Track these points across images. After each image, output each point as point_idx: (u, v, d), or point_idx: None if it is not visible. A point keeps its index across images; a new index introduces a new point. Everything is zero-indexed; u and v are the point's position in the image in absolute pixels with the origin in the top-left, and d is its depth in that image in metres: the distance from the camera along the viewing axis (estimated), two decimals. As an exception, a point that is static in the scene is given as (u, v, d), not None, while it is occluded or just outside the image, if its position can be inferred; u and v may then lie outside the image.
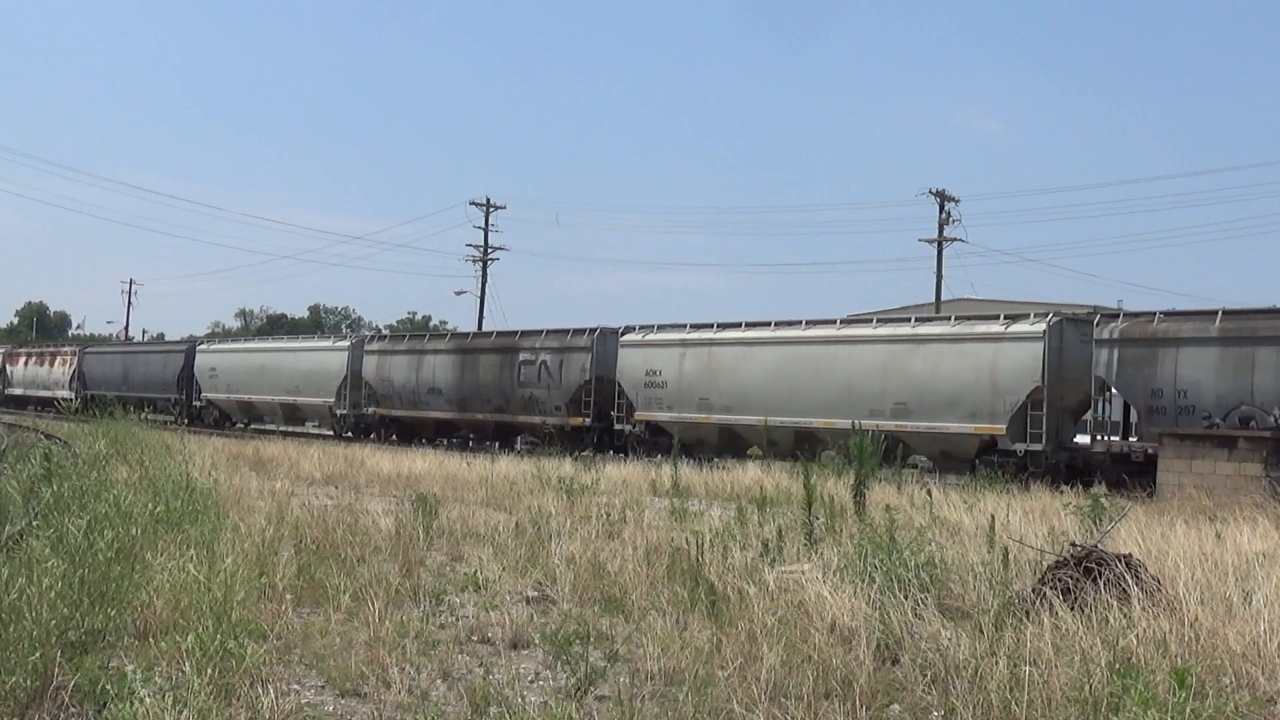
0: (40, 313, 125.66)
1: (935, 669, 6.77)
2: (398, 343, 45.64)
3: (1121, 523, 12.31)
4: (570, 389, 36.60)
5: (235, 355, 54.30)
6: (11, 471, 13.40)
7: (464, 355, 41.40)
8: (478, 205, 66.13)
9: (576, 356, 36.95)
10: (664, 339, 34.61)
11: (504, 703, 6.13)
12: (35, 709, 5.71)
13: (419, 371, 42.76)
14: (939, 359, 28.06)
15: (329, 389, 46.58)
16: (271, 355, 51.40)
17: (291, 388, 48.69)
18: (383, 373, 44.21)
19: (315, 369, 47.93)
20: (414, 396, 42.49)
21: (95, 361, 65.29)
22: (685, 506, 14.96)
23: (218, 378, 53.47)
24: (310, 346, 50.70)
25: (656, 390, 33.93)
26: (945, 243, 53.66)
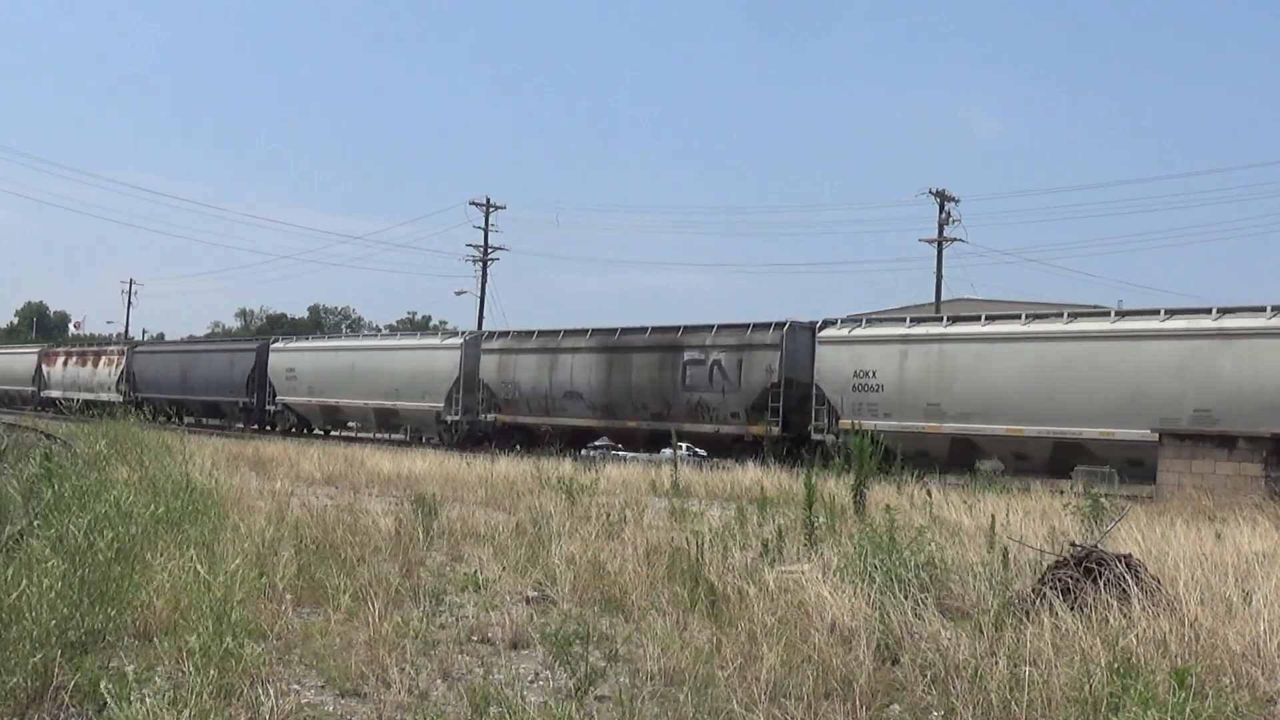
0: (40, 313, 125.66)
1: (935, 669, 6.77)
2: (525, 340, 40.05)
3: (1121, 523, 12.31)
4: (752, 393, 31.77)
5: (319, 354, 49.22)
6: (12, 471, 13.39)
7: (611, 354, 36.39)
8: (478, 205, 66.20)
9: (760, 355, 31.99)
10: (878, 334, 29.89)
11: (504, 703, 6.13)
12: (35, 709, 5.71)
13: (553, 372, 37.82)
14: (1256, 356, 24.21)
15: (437, 393, 41.82)
16: (364, 355, 46.56)
17: (389, 391, 43.95)
18: (505, 374, 39.41)
19: (420, 370, 42.89)
20: (546, 401, 37.77)
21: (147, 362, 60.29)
22: (685, 506, 14.96)
23: (296, 379, 48.59)
24: (414, 345, 45.34)
25: (868, 395, 29.26)
26: (945, 243, 53.71)
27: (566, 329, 38.94)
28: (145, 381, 58.35)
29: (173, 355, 60.26)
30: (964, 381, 27.79)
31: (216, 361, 54.95)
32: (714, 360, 33.02)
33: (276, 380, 49.74)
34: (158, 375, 58.06)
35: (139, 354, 61.83)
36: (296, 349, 51.06)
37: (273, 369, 50.25)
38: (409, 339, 47.00)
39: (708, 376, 33.10)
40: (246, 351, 53.25)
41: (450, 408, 41.28)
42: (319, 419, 48.68)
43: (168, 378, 57.07)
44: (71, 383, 64.25)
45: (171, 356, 59.85)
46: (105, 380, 61.60)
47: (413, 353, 44.39)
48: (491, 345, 40.81)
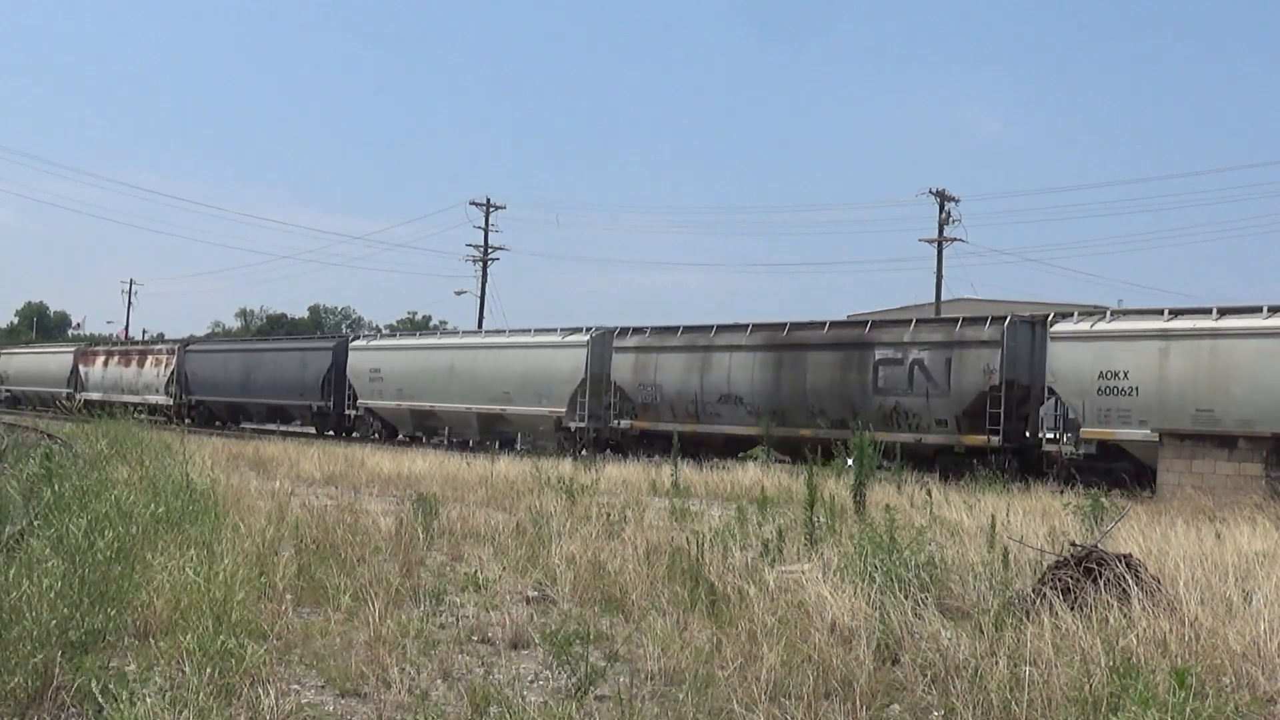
0: (40, 313, 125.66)
1: (935, 669, 6.77)
2: (667, 336, 35.10)
3: (1121, 523, 12.31)
4: (965, 397, 27.79)
5: (410, 354, 44.00)
6: (12, 471, 13.39)
7: (780, 352, 31.90)
8: (478, 205, 66.18)
9: (975, 353, 27.92)
10: (1131, 329, 26.23)
11: (504, 703, 6.13)
12: (35, 709, 5.72)
13: (705, 373, 33.28)
14: None
15: (557, 396, 37.10)
16: (467, 354, 41.41)
17: (497, 395, 39.08)
18: (644, 375, 34.82)
19: (537, 370, 38.11)
20: (696, 406, 33.17)
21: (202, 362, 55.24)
22: (685, 506, 14.96)
23: (383, 381, 43.73)
24: (529, 342, 39.62)
25: (1118, 399, 25.57)
26: (945, 243, 53.71)
27: (720, 324, 34.45)
28: (200, 383, 54.06)
29: (233, 355, 55.10)
30: (1244, 384, 24.23)
31: (286, 361, 49.81)
32: (915, 359, 28.74)
33: (358, 382, 44.95)
34: (214, 376, 53.32)
35: (192, 353, 56.71)
36: (382, 347, 46.09)
37: (353, 369, 45.36)
38: (522, 335, 40.73)
39: (907, 378, 28.82)
40: (321, 350, 48.50)
41: (574, 413, 36.60)
42: (408, 425, 43.73)
43: (226, 379, 52.44)
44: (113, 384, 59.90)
45: (231, 356, 54.64)
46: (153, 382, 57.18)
47: (527, 351, 39.14)
48: (626, 343, 35.89)
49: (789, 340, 31.96)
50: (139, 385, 57.69)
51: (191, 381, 54.44)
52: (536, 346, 39.06)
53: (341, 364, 46.08)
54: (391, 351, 44.81)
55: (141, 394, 55.91)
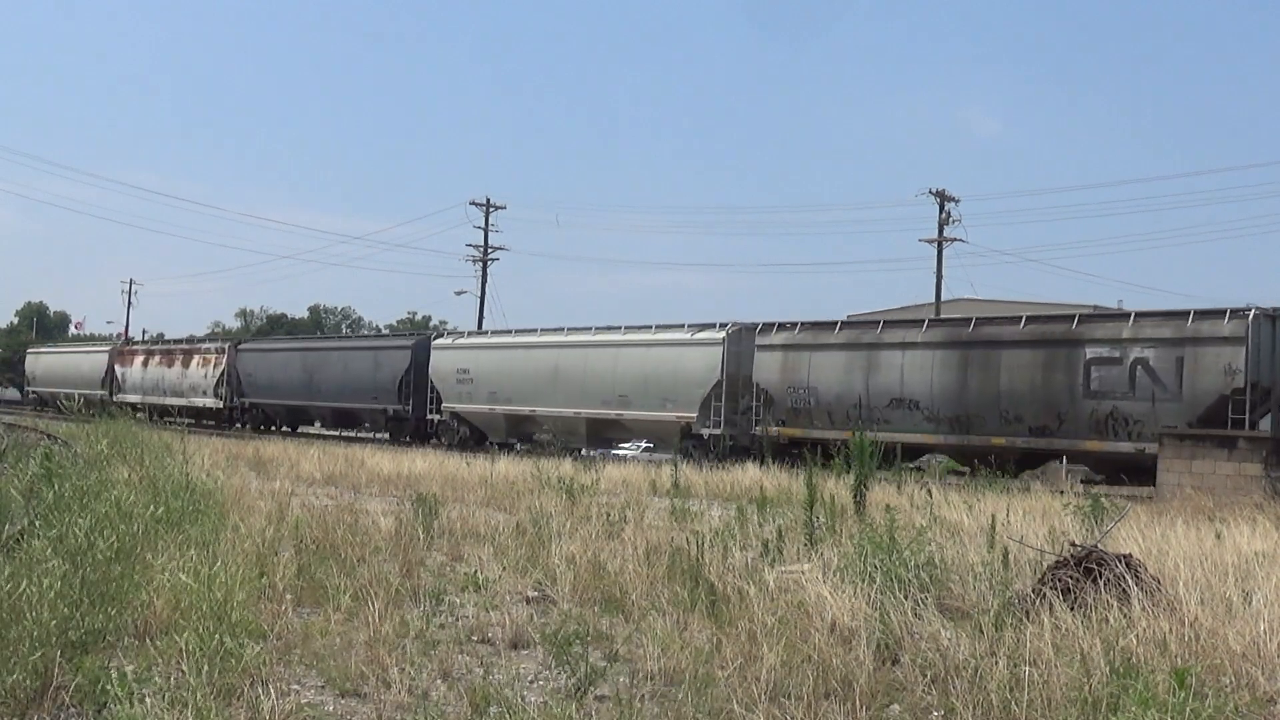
0: (40, 313, 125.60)
1: (935, 669, 6.77)
2: (822, 333, 31.40)
3: (1121, 523, 12.31)
4: (1201, 401, 24.43)
5: (506, 353, 39.96)
6: (12, 471, 13.39)
7: (966, 350, 28.33)
8: (478, 205, 66.19)
9: (1212, 351, 24.50)
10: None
11: (504, 703, 6.13)
12: (35, 709, 5.72)
13: (872, 374, 29.57)
14: None
15: (686, 400, 33.39)
16: (575, 353, 37.26)
17: (612, 398, 35.35)
18: (794, 376, 31.01)
19: (662, 371, 34.37)
20: (859, 410, 29.29)
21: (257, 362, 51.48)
22: (685, 506, 14.96)
23: (472, 383, 39.93)
24: (651, 340, 35.49)
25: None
26: (945, 243, 53.70)
27: (888, 319, 31.23)
28: (255, 385, 50.32)
29: (293, 354, 50.66)
30: None
31: (356, 361, 45.81)
32: (1137, 358, 25.49)
33: (443, 384, 41.08)
34: (272, 377, 49.47)
35: (246, 352, 52.96)
36: (472, 346, 41.77)
37: (436, 370, 41.55)
38: (641, 333, 36.37)
39: (1127, 380, 25.48)
40: (398, 349, 44.34)
41: (706, 418, 32.82)
42: (502, 431, 39.41)
43: (286, 380, 48.56)
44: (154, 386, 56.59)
45: (292, 355, 50.41)
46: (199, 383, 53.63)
47: (649, 350, 35.06)
48: (771, 340, 31.98)
49: (977, 337, 28.43)
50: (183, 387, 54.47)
51: (245, 383, 51.05)
52: (661, 345, 35.01)
53: (422, 364, 42.31)
54: (483, 350, 40.84)
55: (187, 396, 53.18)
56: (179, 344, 61.15)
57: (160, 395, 54.83)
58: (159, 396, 54.54)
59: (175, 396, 53.42)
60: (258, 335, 62.41)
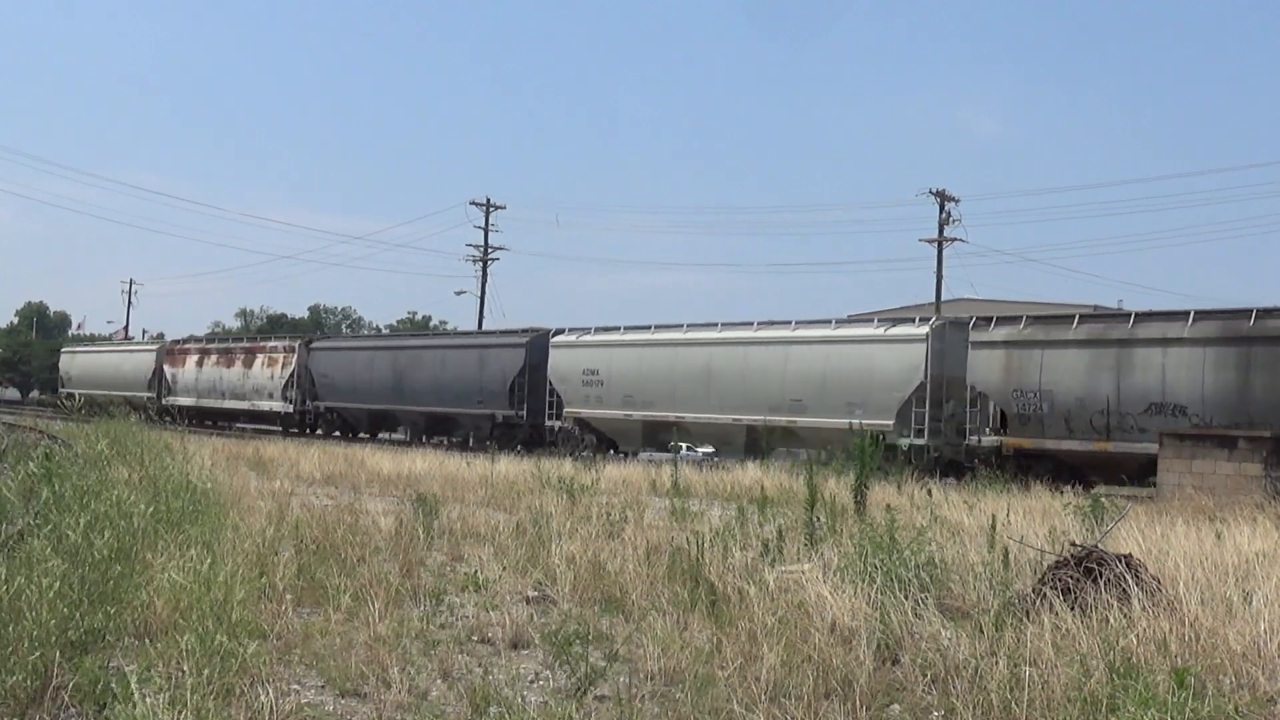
0: (40, 313, 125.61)
1: (935, 669, 6.77)
2: (1058, 327, 27.25)
3: (1121, 523, 12.31)
4: None
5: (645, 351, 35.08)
6: (11, 471, 13.39)
7: (1247, 347, 24.31)
8: (478, 205, 66.22)
9: None
10: None
11: (504, 703, 6.13)
12: (35, 709, 5.71)
13: (1124, 375, 25.49)
14: None
15: (882, 405, 28.72)
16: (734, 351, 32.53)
17: (781, 403, 30.74)
18: (1020, 378, 26.91)
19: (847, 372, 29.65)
20: (1107, 418, 25.44)
21: (334, 362, 46.56)
22: (685, 506, 14.96)
23: (602, 385, 35.50)
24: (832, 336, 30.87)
25: None
26: (945, 243, 53.72)
27: (1140, 311, 27.13)
28: (331, 387, 45.64)
29: (379, 353, 45.82)
30: None
31: (458, 361, 40.87)
32: None
33: (565, 386, 36.71)
34: (353, 379, 44.79)
35: (321, 351, 47.98)
36: (602, 343, 36.76)
37: (557, 370, 37.15)
38: (817, 328, 31.73)
39: None
40: (510, 347, 39.62)
41: (905, 427, 28.55)
42: (637, 439, 34.62)
43: (369, 382, 43.96)
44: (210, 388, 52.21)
45: (377, 354, 45.48)
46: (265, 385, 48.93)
47: (830, 347, 30.43)
48: (991, 335, 27.72)
49: (1263, 331, 24.17)
50: (246, 389, 49.80)
51: (320, 385, 46.33)
52: (846, 341, 30.43)
53: (538, 364, 37.98)
54: (616, 349, 35.93)
55: (250, 399, 49.26)
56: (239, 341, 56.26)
57: (218, 398, 51.03)
58: (216, 399, 50.99)
59: (235, 399, 49.77)
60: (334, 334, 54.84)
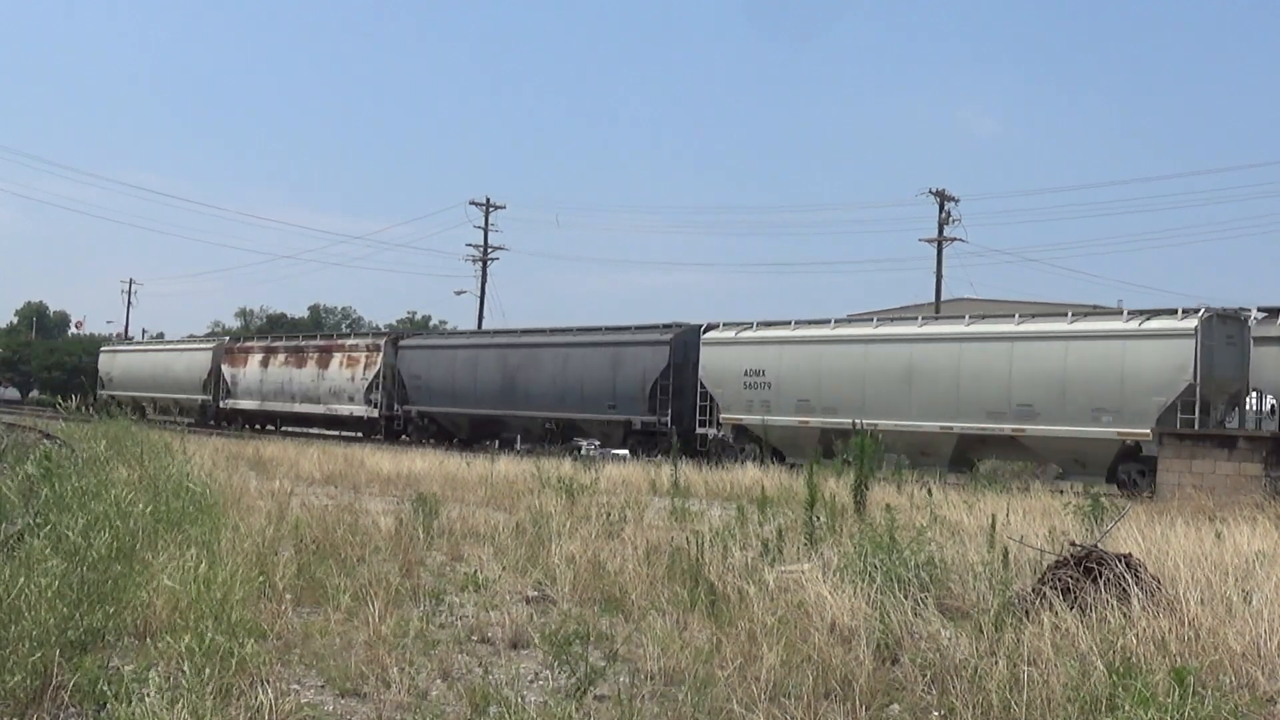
0: (40, 312, 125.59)
1: (935, 669, 6.77)
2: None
3: (1121, 522, 12.31)
4: None
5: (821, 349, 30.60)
6: (11, 472, 13.39)
7: None
8: (478, 205, 66.21)
9: None
10: None
11: (504, 703, 6.13)
12: (35, 709, 5.71)
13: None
14: None
15: (1139, 411, 24.76)
16: (938, 348, 28.35)
17: (1005, 409, 26.65)
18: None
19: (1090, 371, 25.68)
20: None
21: (428, 361, 41.99)
22: (685, 506, 14.96)
23: (769, 387, 31.00)
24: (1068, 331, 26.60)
25: None
26: (945, 243, 53.71)
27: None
28: (426, 389, 41.10)
29: (484, 351, 40.32)
30: None
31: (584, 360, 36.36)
32: None
33: (723, 389, 32.14)
34: (453, 380, 40.16)
35: (410, 350, 43.11)
36: (768, 340, 31.89)
37: (711, 371, 32.62)
38: (1053, 321, 27.58)
39: None
40: (652, 345, 34.72)
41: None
42: (809, 448, 28.21)
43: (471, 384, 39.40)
44: (278, 390, 47.51)
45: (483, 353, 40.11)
46: (344, 387, 44.31)
47: (1068, 344, 26.27)
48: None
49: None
50: (320, 392, 45.27)
51: (411, 387, 41.89)
52: (1091, 337, 26.10)
53: (684, 364, 33.47)
54: (787, 346, 31.35)
55: (325, 403, 44.81)
56: (312, 339, 50.91)
57: (286, 401, 46.57)
58: (284, 403, 46.63)
59: (308, 403, 45.25)
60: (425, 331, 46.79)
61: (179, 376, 54.81)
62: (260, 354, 50.07)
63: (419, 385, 41.61)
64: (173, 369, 55.75)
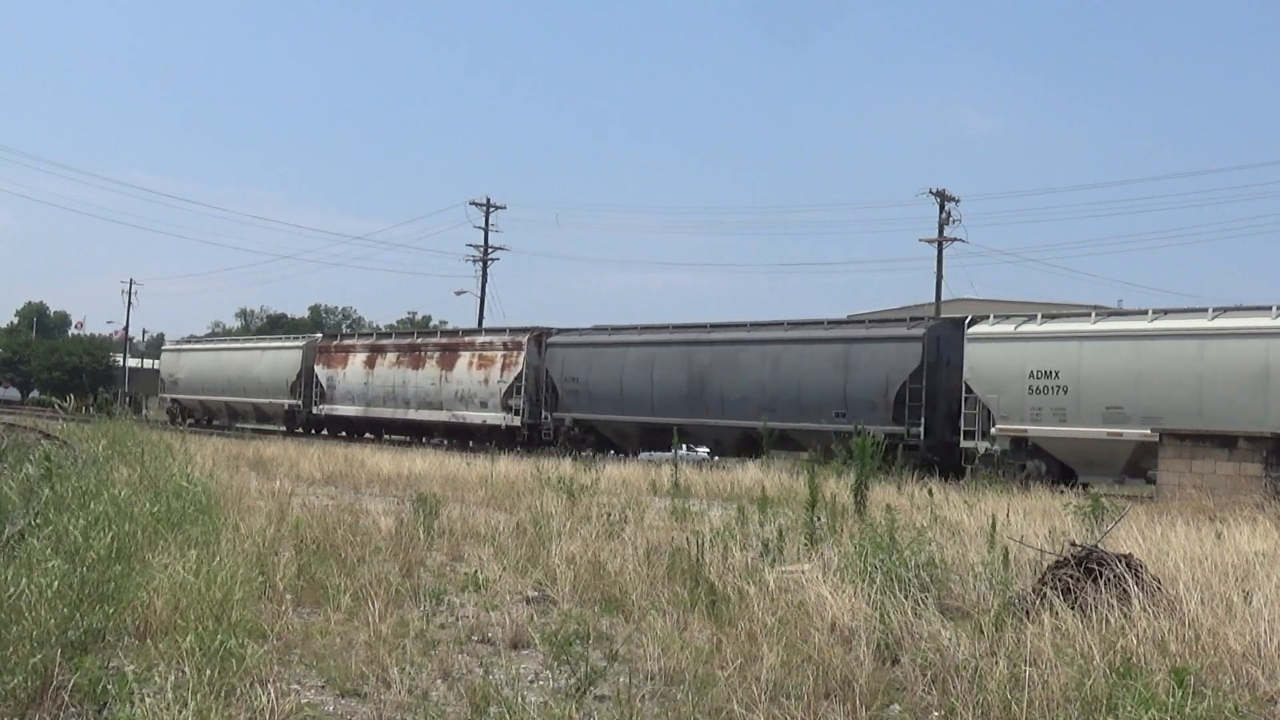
0: (40, 312, 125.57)
1: (935, 669, 6.77)
2: None
3: (1122, 523, 12.31)
4: None
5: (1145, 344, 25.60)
6: (11, 472, 13.39)
7: None
8: (478, 205, 66.19)
9: None
10: None
11: (504, 703, 6.13)
12: (35, 709, 5.71)
13: None
14: None
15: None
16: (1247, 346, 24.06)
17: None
18: None
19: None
20: None
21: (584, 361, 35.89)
22: (685, 506, 14.96)
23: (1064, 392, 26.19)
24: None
25: None
26: (945, 243, 53.68)
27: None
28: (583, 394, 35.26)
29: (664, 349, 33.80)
30: None
31: (801, 359, 30.51)
32: None
33: (997, 394, 27.14)
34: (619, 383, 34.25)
35: (562, 348, 36.88)
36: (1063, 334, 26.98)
37: (982, 373, 27.47)
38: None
39: None
40: (899, 340, 29.46)
41: None
42: (1120, 465, 25.61)
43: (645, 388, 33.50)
44: (389, 394, 41.61)
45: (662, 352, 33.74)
46: (475, 391, 38.61)
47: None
48: None
49: None
50: (444, 396, 39.57)
51: (565, 392, 35.93)
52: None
53: (937, 363, 28.63)
54: (1088, 342, 26.36)
55: (451, 409, 39.21)
56: (430, 336, 45.25)
57: (398, 407, 40.87)
58: (396, 408, 40.89)
59: (427, 409, 39.72)
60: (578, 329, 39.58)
61: (260, 378, 48.83)
62: (364, 353, 43.90)
63: (575, 389, 35.65)
64: (253, 370, 49.56)
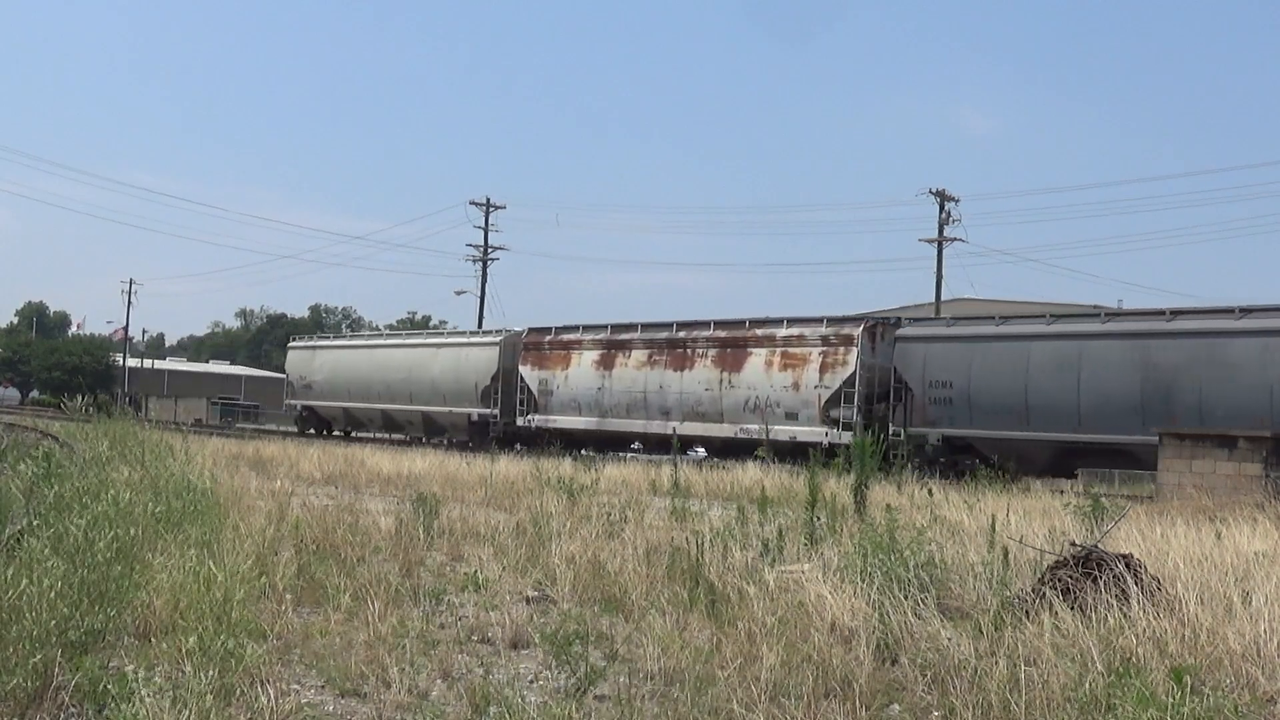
0: (40, 312, 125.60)
1: (935, 669, 6.78)
2: None
3: (1121, 523, 12.31)
4: None
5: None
6: (12, 471, 13.39)
7: None
8: (478, 205, 66.28)
9: None
10: None
11: (504, 703, 6.13)
12: (35, 709, 5.72)
13: None
14: None
15: None
16: None
17: None
18: None
19: None
20: None
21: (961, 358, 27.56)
22: (685, 506, 14.96)
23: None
24: None
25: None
26: (945, 243, 53.70)
27: None
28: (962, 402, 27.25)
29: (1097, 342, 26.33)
30: None
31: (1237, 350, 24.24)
32: None
33: None
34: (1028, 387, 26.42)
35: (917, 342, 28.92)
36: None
37: None
38: None
39: None
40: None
41: None
42: None
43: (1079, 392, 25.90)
44: (636, 403, 33.29)
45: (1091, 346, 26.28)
46: (779, 399, 30.29)
47: None
48: None
49: None
50: (724, 406, 31.42)
51: (929, 400, 27.80)
52: None
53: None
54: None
55: (738, 422, 30.90)
56: (694, 329, 33.67)
57: (653, 418, 32.64)
58: (652, 419, 32.66)
59: (696, 420, 31.63)
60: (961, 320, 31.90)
61: (438, 382, 39.88)
62: (597, 351, 34.86)
63: (945, 396, 27.50)
64: (425, 372, 40.54)
